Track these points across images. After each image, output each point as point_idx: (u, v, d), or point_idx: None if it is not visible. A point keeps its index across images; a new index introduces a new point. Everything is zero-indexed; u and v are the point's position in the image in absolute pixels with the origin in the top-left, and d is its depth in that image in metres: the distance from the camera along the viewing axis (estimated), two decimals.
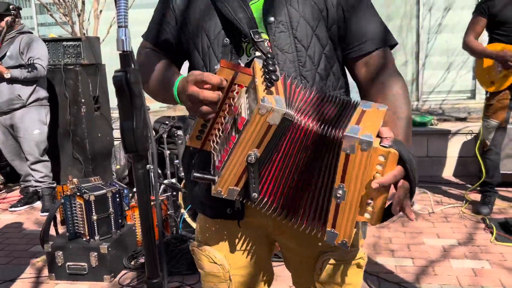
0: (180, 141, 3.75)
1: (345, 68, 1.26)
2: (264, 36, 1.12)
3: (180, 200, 3.38)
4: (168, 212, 3.42)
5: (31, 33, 4.20)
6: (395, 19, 10.23)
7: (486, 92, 3.48)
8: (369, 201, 0.96)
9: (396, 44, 1.27)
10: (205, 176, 0.99)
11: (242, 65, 1.14)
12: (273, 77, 0.92)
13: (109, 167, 4.96)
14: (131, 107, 0.70)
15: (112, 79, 0.72)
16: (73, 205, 2.84)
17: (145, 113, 0.72)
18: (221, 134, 1.02)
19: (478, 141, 3.58)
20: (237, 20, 1.11)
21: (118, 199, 2.97)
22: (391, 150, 0.92)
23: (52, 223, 2.92)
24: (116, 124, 6.15)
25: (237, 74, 0.98)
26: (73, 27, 7.83)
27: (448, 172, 4.64)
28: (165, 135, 3.77)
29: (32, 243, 3.42)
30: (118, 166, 4.86)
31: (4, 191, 4.85)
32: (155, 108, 4.41)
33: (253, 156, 0.93)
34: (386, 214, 0.99)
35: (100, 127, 4.87)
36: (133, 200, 3.85)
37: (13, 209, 4.18)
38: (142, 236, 0.78)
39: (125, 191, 3.24)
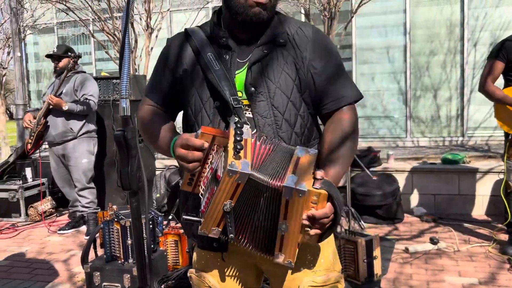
0: None
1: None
2: (246, 102, 1.36)
3: None
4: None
5: (85, 72, 4.64)
6: (439, 54, 10.27)
7: (508, 134, 3.51)
8: (307, 228, 1.19)
9: (361, 98, 1.47)
10: (192, 218, 1.25)
11: (232, 123, 1.35)
12: (238, 146, 1.16)
13: (150, 195, 5.29)
14: (127, 157, 0.93)
15: (113, 136, 0.96)
16: (111, 230, 3.12)
17: (139, 161, 0.95)
18: (204, 184, 1.26)
19: (503, 182, 3.59)
20: (221, 87, 1.34)
21: (151, 226, 3.22)
22: (322, 192, 1.16)
23: (92, 246, 3.22)
24: (159, 155, 6.50)
25: (215, 137, 1.23)
26: None
27: (479, 211, 4.61)
28: None
29: (74, 263, 3.73)
30: (158, 195, 5.18)
31: (55, 214, 5.27)
32: None
33: (228, 206, 1.17)
34: (320, 237, 1.24)
35: (143, 157, 5.19)
36: (167, 227, 4.12)
37: (61, 232, 4.55)
38: (135, 254, 1.00)
39: (160, 219, 3.51)
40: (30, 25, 10.55)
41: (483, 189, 4.59)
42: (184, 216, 1.23)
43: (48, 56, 4.54)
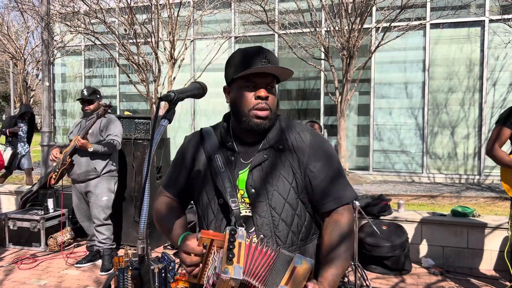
0: None
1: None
2: (247, 200, 1.52)
3: None
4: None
5: (110, 112, 4.85)
6: (457, 92, 10.33)
7: None
8: None
9: (356, 198, 1.66)
10: None
11: (227, 228, 1.53)
12: (230, 255, 1.31)
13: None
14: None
15: (131, 275, 1.13)
16: (126, 277, 3.29)
17: None
18: (204, 281, 1.40)
19: (507, 245, 3.64)
20: (224, 189, 1.52)
21: (163, 274, 3.38)
22: None
23: None
24: None
25: (213, 240, 1.38)
26: (148, 88, 8.72)
27: (487, 266, 4.63)
28: None
29: None
30: None
31: (73, 245, 5.47)
32: None
33: None
34: None
35: None
36: (180, 267, 4.27)
37: (78, 265, 4.73)
38: None
39: (172, 264, 3.66)
40: (59, 47, 10.95)
41: (492, 244, 4.63)
42: None
43: (79, 99, 4.77)
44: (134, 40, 8.58)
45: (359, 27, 8.11)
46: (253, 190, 1.52)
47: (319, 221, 1.63)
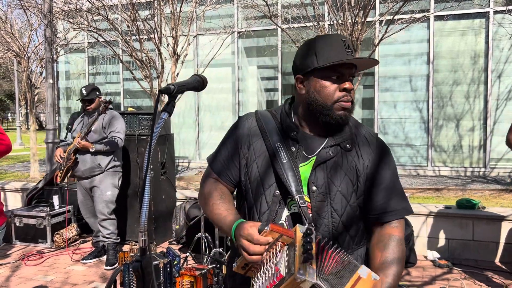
0: None
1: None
2: (306, 198, 1.42)
3: (224, 272, 3.74)
4: (214, 280, 3.79)
5: (112, 108, 4.87)
6: (462, 84, 10.27)
7: None
8: None
9: (411, 213, 1.56)
10: None
11: (283, 216, 1.46)
12: (309, 257, 1.20)
13: (170, 225, 5.47)
14: (142, 283, 1.09)
15: (132, 267, 1.13)
16: (131, 272, 3.29)
17: (153, 282, 1.11)
18: (262, 274, 1.31)
19: None
20: (288, 182, 1.42)
21: (168, 269, 3.39)
22: None
23: (113, 285, 3.39)
24: (179, 187, 6.68)
25: (281, 236, 1.27)
26: (151, 85, 8.73)
27: (493, 258, 4.62)
28: None
29: None
30: (177, 226, 5.35)
31: (79, 241, 5.49)
32: None
33: None
34: None
35: (165, 190, 5.41)
36: (185, 262, 4.29)
37: (84, 261, 4.76)
38: None
39: (177, 259, 3.67)
40: (63, 45, 10.96)
41: (497, 236, 4.61)
42: None
43: (80, 99, 4.77)
44: (137, 37, 8.57)
45: (363, 20, 8.06)
46: (314, 188, 1.43)
47: (366, 229, 1.57)
